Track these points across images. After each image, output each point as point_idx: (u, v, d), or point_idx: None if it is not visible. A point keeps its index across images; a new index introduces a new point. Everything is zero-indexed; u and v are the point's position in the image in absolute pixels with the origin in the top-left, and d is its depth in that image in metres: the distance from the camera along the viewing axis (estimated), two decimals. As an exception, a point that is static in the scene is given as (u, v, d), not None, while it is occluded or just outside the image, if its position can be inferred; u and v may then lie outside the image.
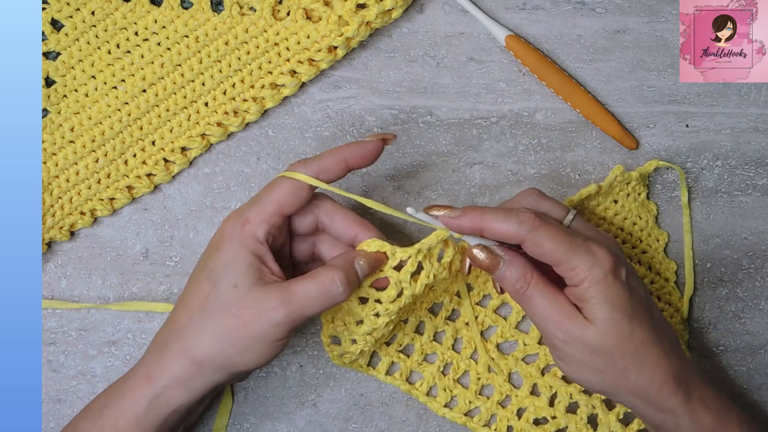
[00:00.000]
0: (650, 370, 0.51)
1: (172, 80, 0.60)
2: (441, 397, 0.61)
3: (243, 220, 0.50)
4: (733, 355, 0.64)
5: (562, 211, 0.54)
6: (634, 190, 0.62)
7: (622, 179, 0.60)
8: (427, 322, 0.61)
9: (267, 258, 0.51)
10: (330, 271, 0.50)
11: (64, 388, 0.61)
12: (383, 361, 0.61)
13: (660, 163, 0.62)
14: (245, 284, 0.49)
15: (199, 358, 0.49)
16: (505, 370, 0.61)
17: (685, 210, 0.63)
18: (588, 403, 0.60)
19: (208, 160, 0.62)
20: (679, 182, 0.63)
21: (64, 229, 0.61)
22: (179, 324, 0.50)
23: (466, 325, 0.61)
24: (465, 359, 0.62)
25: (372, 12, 0.59)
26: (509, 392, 0.61)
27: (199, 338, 0.49)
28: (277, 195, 0.51)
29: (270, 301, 0.49)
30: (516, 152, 0.63)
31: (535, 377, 0.61)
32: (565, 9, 0.63)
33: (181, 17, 0.60)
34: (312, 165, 0.52)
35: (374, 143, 0.53)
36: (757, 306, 0.64)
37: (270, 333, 0.49)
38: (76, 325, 0.61)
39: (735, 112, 0.64)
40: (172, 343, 0.50)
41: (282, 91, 0.61)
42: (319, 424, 0.62)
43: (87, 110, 0.60)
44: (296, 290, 0.49)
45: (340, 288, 0.50)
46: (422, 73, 0.63)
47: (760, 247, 0.64)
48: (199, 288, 0.50)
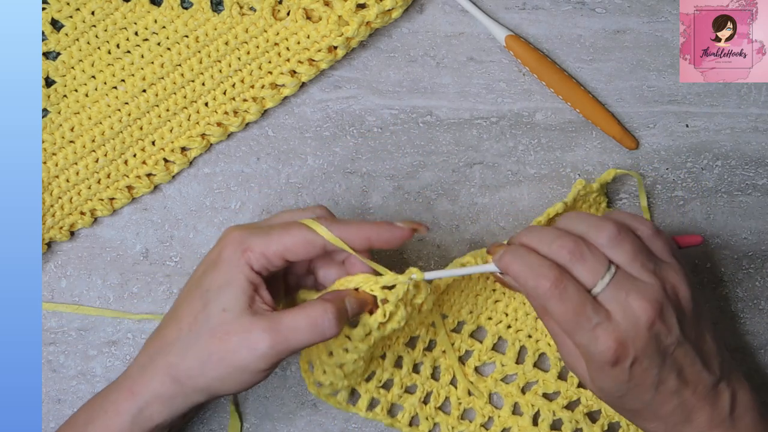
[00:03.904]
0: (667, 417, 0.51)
1: (172, 80, 0.60)
2: (423, 425, 0.61)
3: (245, 247, 0.49)
4: (733, 355, 0.64)
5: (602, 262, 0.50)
6: (596, 201, 0.61)
7: (584, 192, 0.60)
8: (405, 356, 0.61)
9: (260, 287, 0.49)
10: (321, 304, 0.49)
11: (64, 388, 0.61)
12: (363, 398, 0.60)
13: (618, 171, 0.61)
14: (235, 310, 0.48)
15: (181, 377, 0.49)
16: (485, 392, 0.61)
17: (646, 214, 0.63)
18: (572, 419, 0.60)
19: (208, 160, 0.62)
20: (638, 186, 0.62)
21: (64, 229, 0.61)
22: (166, 339, 0.50)
23: (443, 353, 0.61)
24: (444, 386, 0.61)
25: (372, 12, 0.59)
26: (491, 413, 0.61)
27: (182, 357, 0.48)
28: (289, 240, 0.49)
29: (256, 330, 0.47)
30: (516, 152, 0.63)
31: (515, 396, 0.61)
32: (565, 9, 0.63)
33: (181, 17, 0.60)
34: (337, 228, 0.50)
35: (404, 232, 0.51)
36: (757, 306, 0.64)
37: (253, 363, 0.48)
38: (76, 325, 0.61)
39: (735, 112, 0.64)
40: (158, 358, 0.49)
41: (282, 91, 0.61)
42: (319, 424, 0.62)
43: (87, 110, 0.60)
44: (284, 321, 0.48)
45: (332, 321, 0.48)
46: (422, 73, 0.63)
47: (760, 247, 0.64)
48: (191, 305, 0.49)
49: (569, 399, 0.61)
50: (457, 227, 0.63)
